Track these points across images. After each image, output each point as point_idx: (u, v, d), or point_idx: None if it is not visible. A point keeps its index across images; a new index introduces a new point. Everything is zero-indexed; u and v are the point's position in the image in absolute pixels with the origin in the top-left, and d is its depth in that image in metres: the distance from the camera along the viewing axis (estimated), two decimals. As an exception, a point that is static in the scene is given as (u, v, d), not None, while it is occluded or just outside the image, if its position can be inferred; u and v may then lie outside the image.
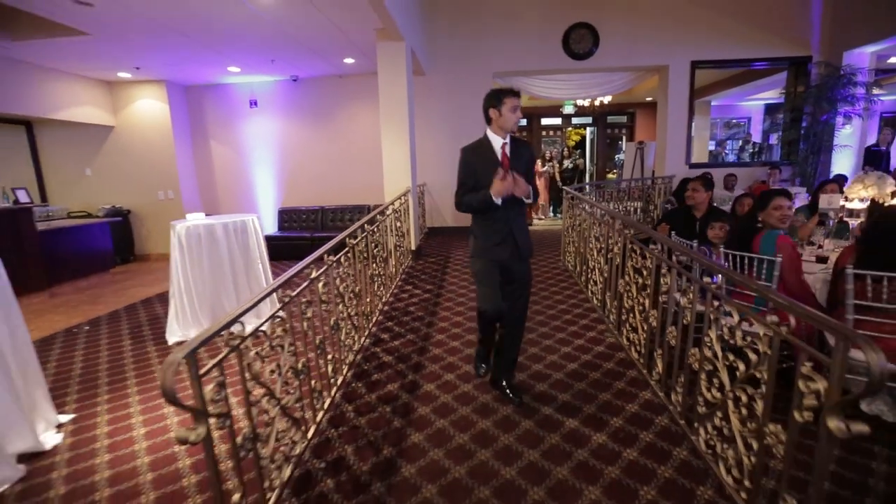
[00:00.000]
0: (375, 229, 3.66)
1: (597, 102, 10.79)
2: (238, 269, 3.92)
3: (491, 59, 6.96)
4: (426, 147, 7.00)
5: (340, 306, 2.67)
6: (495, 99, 2.19)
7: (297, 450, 1.98)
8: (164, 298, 5.12)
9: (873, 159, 7.20)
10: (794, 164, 6.85)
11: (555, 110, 12.48)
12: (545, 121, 13.07)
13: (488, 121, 2.24)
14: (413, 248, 5.56)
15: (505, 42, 6.89)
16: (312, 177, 7.77)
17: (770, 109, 12.00)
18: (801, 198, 5.08)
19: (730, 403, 1.68)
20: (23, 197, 5.35)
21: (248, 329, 1.64)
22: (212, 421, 1.33)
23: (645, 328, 2.55)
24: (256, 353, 1.66)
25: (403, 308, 3.93)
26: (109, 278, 6.38)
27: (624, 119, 12.97)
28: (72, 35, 4.90)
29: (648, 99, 11.67)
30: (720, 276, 1.88)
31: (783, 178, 6.63)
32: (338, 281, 2.63)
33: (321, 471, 1.98)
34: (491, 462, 1.99)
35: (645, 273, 2.55)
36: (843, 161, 6.76)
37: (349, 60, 6.41)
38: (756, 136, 12.40)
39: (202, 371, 1.33)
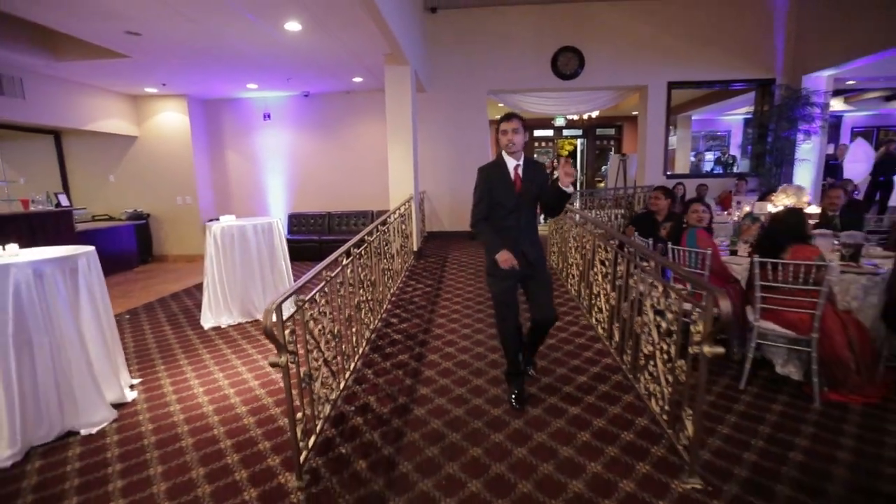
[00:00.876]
0: (386, 230, 4.26)
1: (585, 116, 11.50)
2: (265, 265, 4.51)
3: (486, 77, 7.63)
4: (426, 158, 7.62)
5: (361, 291, 3.26)
6: (497, 126, 2.46)
7: (334, 395, 2.56)
8: (189, 293, 5.69)
9: (831, 171, 7.93)
10: (760, 175, 7.52)
11: (547, 123, 13.19)
12: (537, 132, 13.80)
13: (498, 145, 2.52)
14: (415, 249, 6.16)
15: (499, 62, 7.57)
16: (320, 184, 8.38)
17: (748, 124, 12.78)
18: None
19: (657, 353, 2.28)
20: (64, 201, 5.92)
21: (307, 297, 2.22)
22: (285, 358, 1.91)
23: (607, 308, 3.16)
24: (310, 315, 2.24)
25: (409, 298, 4.52)
26: (134, 276, 6.93)
27: (612, 132, 13.71)
28: (113, 58, 5.51)
29: (634, 113, 12.38)
30: (653, 261, 2.49)
31: (750, 188, 7.31)
32: (359, 269, 3.23)
33: (352, 411, 2.57)
34: (483, 406, 2.58)
35: (607, 264, 3.17)
36: (803, 173, 7.44)
37: (357, 79, 7.05)
38: (736, 149, 13.16)
39: (279, 329, 1.91)
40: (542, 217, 10.20)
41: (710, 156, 13.31)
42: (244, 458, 2.22)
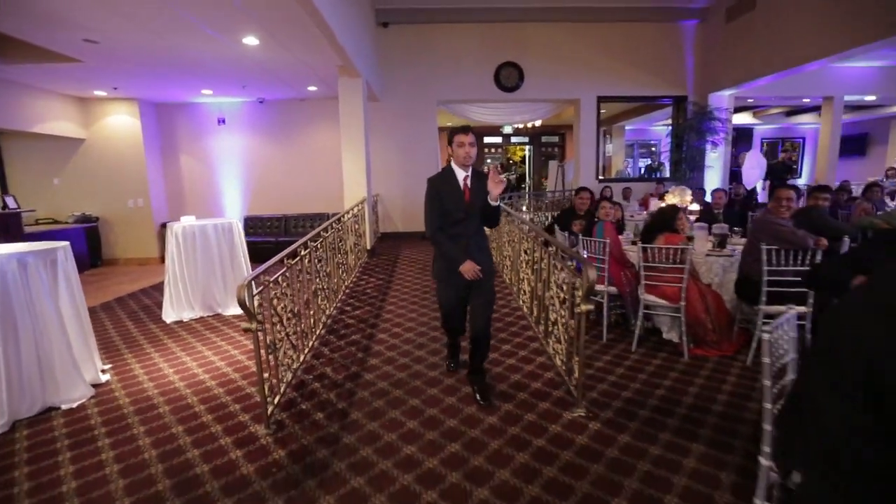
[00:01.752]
0: (340, 227, 4.69)
1: (530, 125, 12.35)
2: (225, 262, 4.81)
3: (435, 88, 8.20)
4: (380, 162, 8.07)
5: (318, 279, 3.69)
6: (449, 137, 2.52)
7: (295, 366, 2.99)
8: (146, 293, 5.83)
9: (734, 176, 9.10)
10: (676, 180, 8.54)
11: (496, 130, 13.98)
12: (487, 139, 14.58)
13: (450, 157, 2.57)
14: (369, 247, 6.59)
15: (447, 75, 8.16)
16: (276, 188, 8.62)
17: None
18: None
19: (559, 319, 2.88)
20: (11, 203, 5.87)
21: (271, 278, 2.65)
22: (255, 324, 2.33)
23: (529, 290, 3.77)
24: (274, 294, 2.67)
25: (362, 290, 4.97)
26: (86, 279, 6.90)
27: (556, 139, 14.71)
28: (66, 62, 5.59)
29: (575, 123, 13.42)
30: (556, 247, 3.09)
31: (667, 190, 8.29)
32: (316, 261, 3.65)
33: (310, 379, 3.01)
34: (422, 370, 3.09)
35: (528, 252, 3.78)
36: (712, 178, 8.53)
37: (312, 88, 7.41)
38: (665, 156, 14.50)
39: (246, 300, 2.34)
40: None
41: (643, 162, 14.57)
42: (218, 417, 2.61)
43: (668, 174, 9.35)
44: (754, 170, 8.17)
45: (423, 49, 8.05)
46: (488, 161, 15.14)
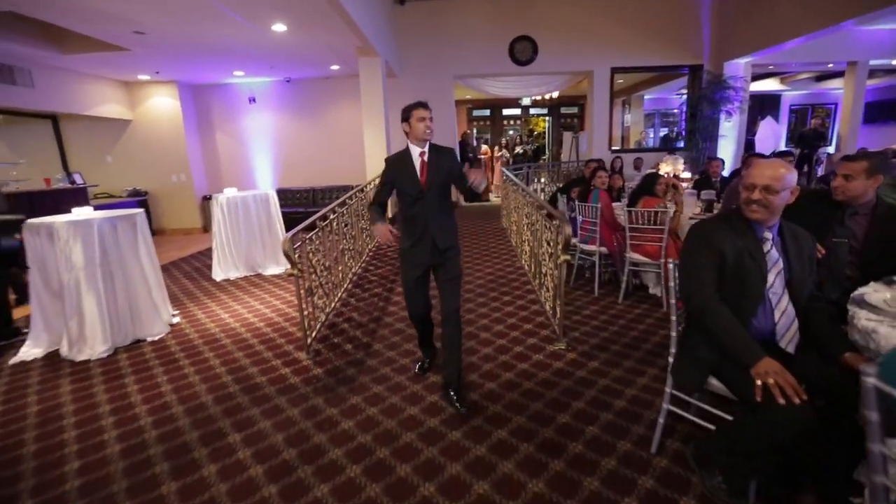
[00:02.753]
0: (363, 196, 5.25)
1: (548, 96, 12.46)
2: (263, 228, 5.46)
3: (451, 64, 8.51)
4: (398, 136, 8.46)
5: (344, 241, 4.28)
6: (405, 114, 2.42)
7: (327, 309, 3.61)
8: (195, 258, 6.59)
9: (749, 145, 9.15)
10: (689, 150, 8.69)
11: (514, 102, 14.12)
12: (506, 111, 14.75)
13: (406, 134, 2.45)
14: (389, 215, 7.15)
15: (462, 51, 8.44)
16: (303, 162, 9.22)
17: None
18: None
19: (548, 271, 3.38)
20: (78, 179, 6.67)
21: (308, 235, 3.23)
22: (297, 270, 2.93)
23: (529, 250, 4.27)
24: (310, 248, 3.26)
25: (384, 253, 5.57)
26: (140, 247, 7.75)
27: (575, 110, 14.74)
28: (116, 51, 6.23)
29: (593, 93, 13.41)
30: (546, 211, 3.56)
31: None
32: (343, 225, 4.24)
33: (340, 321, 3.63)
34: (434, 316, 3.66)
35: (528, 216, 4.26)
36: (727, 147, 8.64)
37: (335, 67, 7.86)
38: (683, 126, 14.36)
39: (290, 251, 2.92)
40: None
41: (664, 132, 14.48)
42: (268, 347, 3.27)
43: (683, 144, 9.47)
44: (768, 138, 8.24)
45: (438, 25, 8.33)
46: (510, 133, 15.35)
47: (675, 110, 14.72)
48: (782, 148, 9.70)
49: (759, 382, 1.47)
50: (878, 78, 11.80)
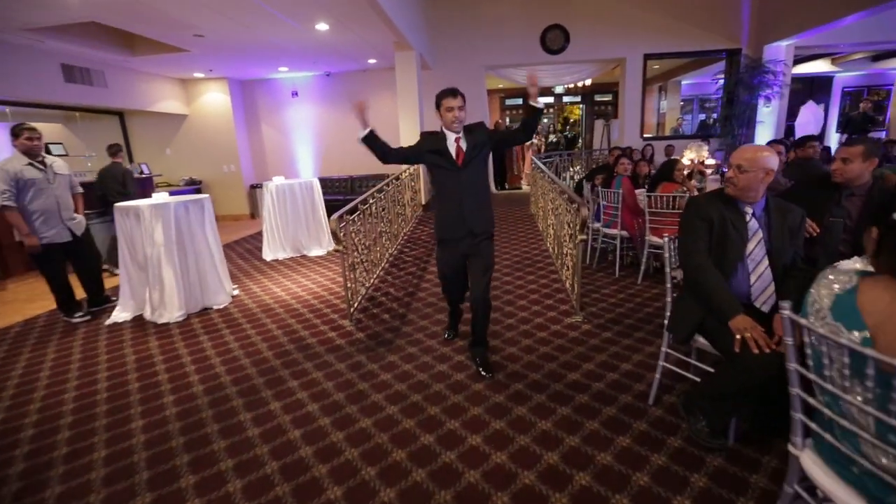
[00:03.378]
0: (399, 184, 5.64)
1: (580, 84, 12.42)
2: (308, 213, 5.96)
3: (483, 55, 8.73)
4: (432, 126, 8.83)
5: (382, 224, 4.68)
6: (437, 101, 2.49)
7: (367, 283, 4.03)
8: (246, 241, 7.21)
9: (789, 131, 8.91)
10: (724, 136, 8.56)
11: (547, 90, 14.12)
12: (540, 99, 14.71)
13: (441, 119, 2.51)
14: (423, 202, 7.53)
15: (493, 41, 8.64)
16: (343, 152, 9.72)
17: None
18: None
19: (567, 251, 3.65)
20: (146, 170, 7.42)
21: (351, 217, 3.64)
22: (342, 246, 3.33)
23: (553, 233, 4.53)
24: (352, 228, 3.67)
25: (417, 237, 5.95)
26: (196, 231, 8.49)
27: (609, 97, 14.56)
28: (177, 52, 6.85)
29: (628, 79, 13.22)
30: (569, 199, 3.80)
31: (715, 148, 8.38)
32: (380, 209, 4.63)
33: (378, 294, 4.04)
34: (462, 291, 4.01)
35: (553, 202, 4.51)
36: (765, 134, 8.45)
37: (372, 60, 8.26)
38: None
39: (337, 230, 3.33)
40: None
41: (702, 118, 14.10)
42: (316, 315, 3.72)
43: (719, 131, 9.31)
44: (809, 123, 8.01)
45: (470, 17, 8.55)
46: (543, 121, 15.37)
47: (713, 96, 14.30)
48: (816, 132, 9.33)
49: (738, 336, 1.74)
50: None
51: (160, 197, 3.85)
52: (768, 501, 1.63)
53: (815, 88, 13.05)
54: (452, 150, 2.50)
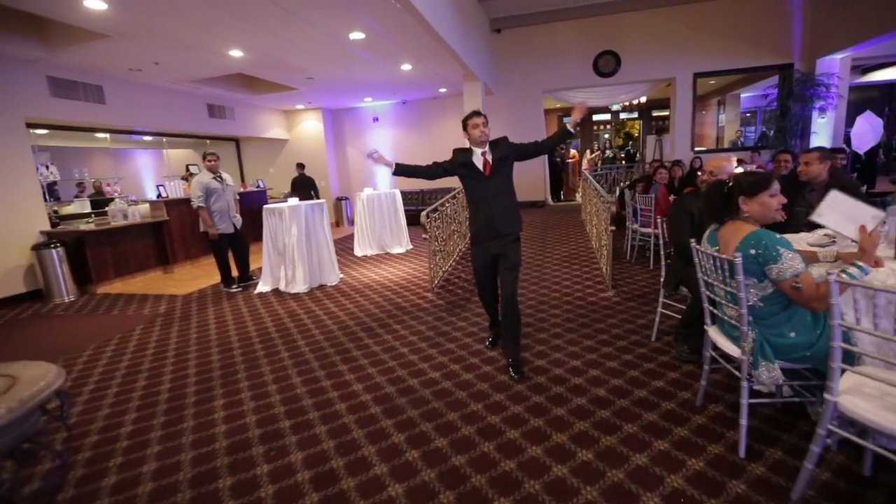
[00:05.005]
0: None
1: (636, 102, 13.01)
2: (391, 218, 7.25)
3: (540, 80, 9.76)
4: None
5: (454, 224, 5.81)
6: (463, 124, 2.82)
7: (444, 267, 5.15)
8: (338, 242, 8.66)
9: (847, 141, 8.99)
10: (775, 147, 8.85)
11: (604, 108, 14.79)
12: (596, 117, 15.46)
13: (468, 141, 2.84)
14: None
15: (550, 68, 9.64)
16: (414, 169, 11.10)
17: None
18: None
19: (603, 242, 4.54)
20: (262, 184, 9.24)
21: (435, 215, 4.80)
22: (428, 235, 4.48)
23: (595, 232, 5.41)
24: (433, 224, 4.82)
25: (480, 238, 7.03)
26: (295, 236, 10.19)
27: (666, 112, 14.90)
28: (288, 90, 8.57)
29: (686, 94, 13.58)
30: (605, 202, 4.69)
31: (765, 160, 8.72)
32: (452, 211, 5.77)
33: (452, 277, 5.15)
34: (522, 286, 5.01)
35: (596, 206, 5.40)
36: (819, 143, 8.65)
37: (443, 90, 9.59)
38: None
39: (425, 222, 4.49)
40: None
41: (763, 130, 14.02)
42: (405, 289, 4.89)
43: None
44: (867, 133, 8.13)
45: (529, 47, 9.64)
46: (605, 137, 16.01)
47: (769, 108, 14.18)
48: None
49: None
50: None
51: (293, 202, 5.26)
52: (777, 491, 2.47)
53: (894, 97, 12.63)
54: (479, 162, 2.82)
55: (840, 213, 2.01)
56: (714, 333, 2.11)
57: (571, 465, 1.91)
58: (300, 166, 9.52)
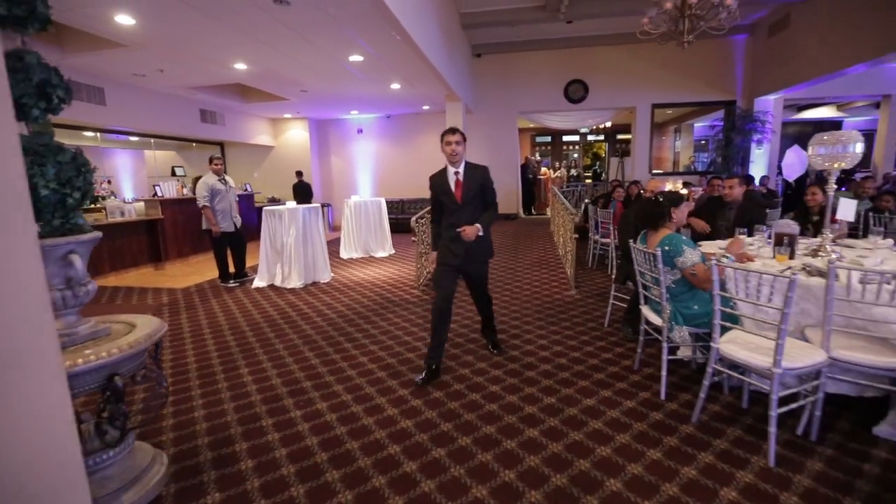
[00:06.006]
0: (447, 203, 7.43)
1: (602, 126, 14.09)
2: (376, 224, 7.79)
3: (516, 102, 10.60)
4: (473, 159, 10.67)
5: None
6: (441, 139, 2.87)
7: (428, 269, 5.73)
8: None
9: (780, 171, 10.21)
10: (721, 173, 9.96)
11: (575, 130, 15.88)
12: (566, 137, 16.54)
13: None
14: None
15: (525, 91, 10.50)
16: (396, 179, 11.68)
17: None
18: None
19: (567, 246, 5.25)
20: (250, 189, 9.57)
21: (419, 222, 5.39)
22: (415, 239, 5.06)
23: (562, 241, 6.14)
24: (421, 228, 5.42)
25: (459, 245, 7.67)
26: (278, 239, 10.53)
27: (629, 136, 16.12)
28: (280, 100, 9.03)
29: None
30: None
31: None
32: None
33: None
34: (493, 279, 5.65)
35: (563, 217, 6.14)
36: (756, 172, 9.81)
37: (426, 107, 10.27)
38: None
39: (414, 226, 5.07)
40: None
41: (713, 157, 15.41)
42: (391, 287, 5.44)
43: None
44: (795, 165, 9.32)
45: (506, 72, 10.48)
46: (573, 156, 17.10)
47: (717, 138, 15.66)
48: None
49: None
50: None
51: (290, 205, 5.74)
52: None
53: (824, 132, 14.22)
54: (452, 183, 2.86)
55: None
56: (646, 311, 2.79)
57: (539, 406, 2.54)
58: (299, 174, 10.22)
